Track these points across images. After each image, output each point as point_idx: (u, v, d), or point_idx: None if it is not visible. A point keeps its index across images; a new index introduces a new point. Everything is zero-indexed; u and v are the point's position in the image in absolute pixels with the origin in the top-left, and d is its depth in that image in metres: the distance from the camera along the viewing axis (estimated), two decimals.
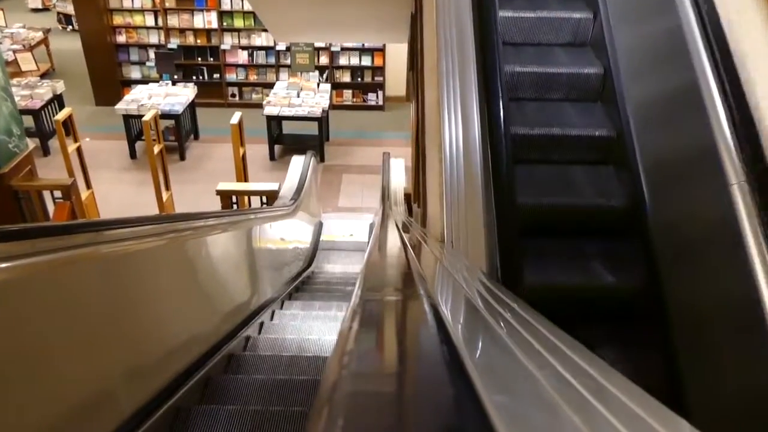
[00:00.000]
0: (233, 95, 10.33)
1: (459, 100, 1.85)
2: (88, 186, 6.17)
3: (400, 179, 6.13)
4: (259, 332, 2.70)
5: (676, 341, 1.55)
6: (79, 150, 5.91)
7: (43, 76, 9.97)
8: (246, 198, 5.70)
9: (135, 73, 10.14)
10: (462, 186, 1.76)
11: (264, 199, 5.66)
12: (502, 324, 0.80)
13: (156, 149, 5.90)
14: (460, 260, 1.68)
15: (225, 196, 5.50)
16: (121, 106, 7.99)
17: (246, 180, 6.13)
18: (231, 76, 10.19)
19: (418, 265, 1.74)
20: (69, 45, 11.75)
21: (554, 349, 0.62)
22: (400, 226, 4.36)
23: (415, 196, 3.23)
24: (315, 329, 2.78)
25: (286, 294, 3.83)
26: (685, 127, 1.58)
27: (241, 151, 5.81)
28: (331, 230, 6.76)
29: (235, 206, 5.64)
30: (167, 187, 6.33)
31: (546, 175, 2.04)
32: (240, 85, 10.27)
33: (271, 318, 3.02)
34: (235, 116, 5.67)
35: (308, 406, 1.91)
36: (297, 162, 6.25)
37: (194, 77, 10.04)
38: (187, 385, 1.83)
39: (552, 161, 2.07)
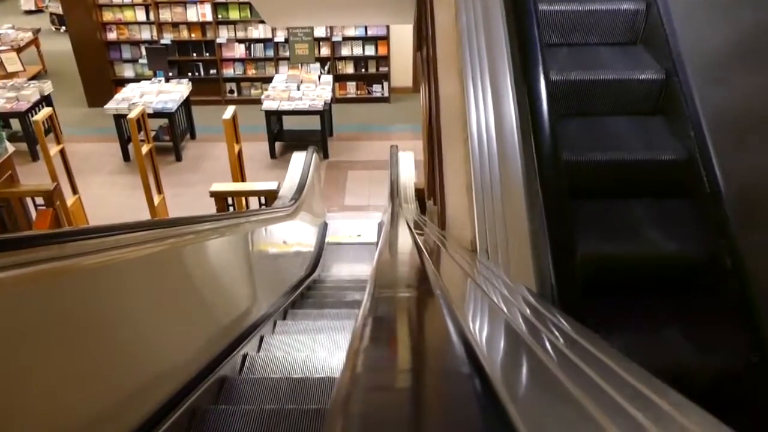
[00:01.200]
0: (231, 91, 9.94)
1: (489, 82, 1.42)
2: (75, 191, 5.80)
3: (410, 174, 5.70)
4: (240, 371, 2.29)
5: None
6: (63, 153, 5.53)
7: (34, 78, 9.63)
8: (243, 199, 5.30)
9: (128, 72, 9.78)
10: (497, 183, 1.33)
11: (262, 200, 5.26)
12: (563, 367, 0.56)
13: (144, 149, 5.51)
14: (498, 276, 1.26)
15: (219, 197, 5.11)
16: (111, 106, 7.62)
17: (243, 180, 5.73)
18: (228, 72, 9.80)
19: (439, 277, 1.33)
20: (62, 46, 11.41)
21: (640, 400, 0.43)
22: (411, 225, 3.93)
23: (430, 192, 2.80)
24: (317, 362, 2.36)
25: (283, 309, 3.42)
26: None
27: (237, 148, 5.41)
28: (338, 231, 6.35)
29: (231, 208, 5.25)
30: (159, 190, 5.94)
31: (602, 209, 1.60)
32: (238, 80, 9.87)
33: (258, 348, 2.61)
34: (228, 111, 5.27)
35: None
36: (298, 159, 5.84)
37: (189, 74, 9.66)
38: None
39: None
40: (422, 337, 0.91)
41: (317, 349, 2.63)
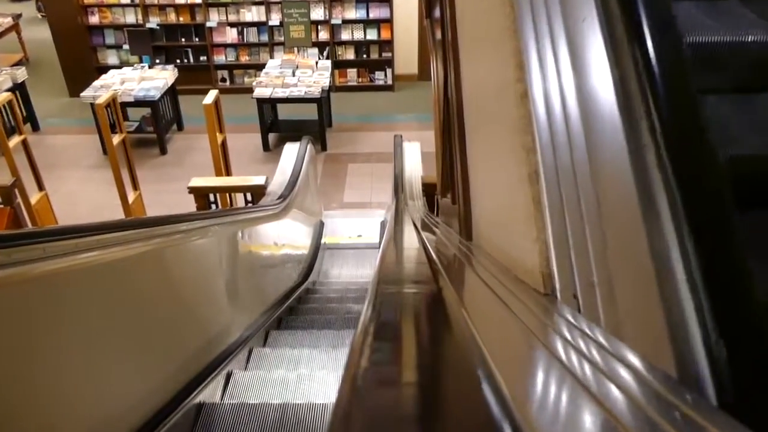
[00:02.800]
0: (223, 79, 9.35)
1: (565, 39, 0.81)
2: (41, 187, 5.23)
3: (416, 167, 5.10)
4: (194, 425, 1.71)
5: None
6: (25, 144, 4.96)
7: (16, 66, 9.05)
8: (227, 196, 4.72)
9: (112, 58, 9.20)
10: (587, 184, 0.73)
11: (248, 196, 4.68)
12: None
13: (116, 140, 4.92)
14: (601, 347, 0.67)
15: (200, 194, 4.53)
16: (88, 94, 7.04)
17: (228, 173, 5.14)
18: (219, 58, 9.21)
19: (472, 324, 0.76)
20: (47, 34, 10.87)
21: None
22: (418, 225, 3.32)
23: (445, 188, 2.21)
24: (301, 415, 1.77)
25: (265, 330, 2.83)
26: None
27: (220, 138, 4.82)
28: (336, 231, 5.77)
29: (213, 206, 4.67)
30: (135, 186, 5.36)
31: None
32: (230, 67, 9.28)
33: (222, 393, 2.03)
34: (210, 95, 4.68)
35: None
36: (290, 151, 5.25)
37: (177, 60, 9.07)
38: None
39: None
40: None
41: (302, 391, 2.05)
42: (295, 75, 7.42)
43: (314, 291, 4.32)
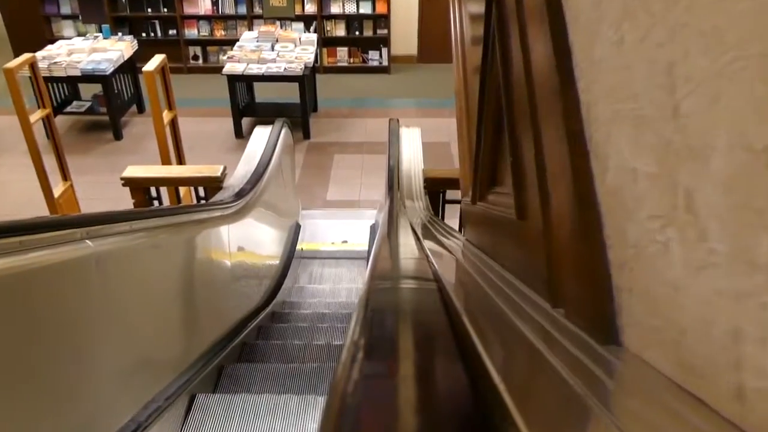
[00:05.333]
0: (195, 57, 8.35)
1: None
2: None
3: (416, 158, 4.14)
4: None
5: None
6: None
7: None
8: (174, 191, 3.75)
9: (68, 30, 8.17)
10: None
11: (201, 191, 3.72)
12: None
13: (35, 117, 3.93)
14: None
15: (137, 187, 3.57)
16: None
17: (181, 162, 4.16)
18: (191, 32, 8.20)
19: None
20: None
21: None
22: (419, 233, 2.41)
23: (482, 187, 1.25)
24: None
25: (195, 387, 1.88)
26: None
27: (168, 116, 3.83)
28: (316, 235, 4.81)
29: (156, 202, 3.70)
30: (65, 176, 4.37)
31: None
32: (203, 43, 8.28)
33: None
34: (154, 60, 3.70)
35: None
36: (260, 136, 4.29)
37: (143, 34, 8.07)
38: None
39: None
40: None
41: None
42: (274, 49, 6.43)
43: (282, 318, 3.36)
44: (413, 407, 0.47)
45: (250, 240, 3.26)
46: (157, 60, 3.73)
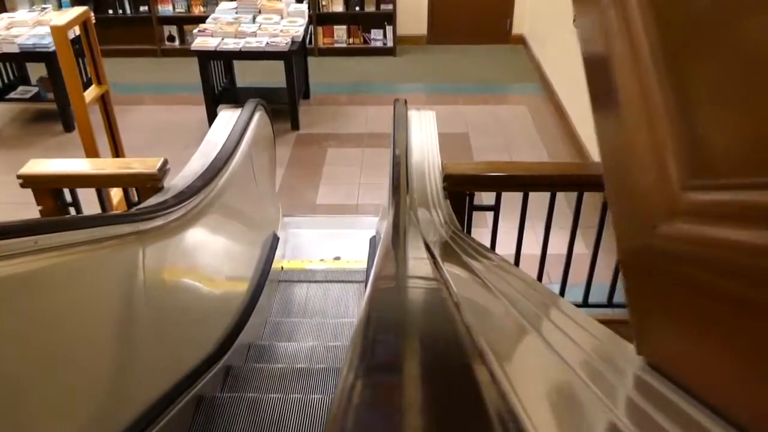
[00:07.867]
0: (171, 38, 7.38)
1: None
2: None
3: (431, 148, 3.12)
4: None
5: None
6: None
7: None
8: (97, 194, 2.77)
9: (23, 4, 7.19)
10: None
11: (133, 193, 2.75)
12: None
13: None
14: None
15: (41, 188, 2.60)
16: None
17: (119, 153, 3.16)
18: (165, 9, 7.23)
19: None
20: None
21: None
22: (438, 257, 1.45)
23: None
24: None
25: None
26: None
27: (94, 93, 2.83)
28: (300, 251, 3.81)
29: (72, 210, 2.71)
30: None
31: None
32: (179, 21, 7.31)
33: None
34: (71, 12, 2.70)
35: None
36: (224, 120, 3.27)
37: (110, 11, 7.11)
38: None
39: None
40: None
41: None
42: (256, 21, 5.43)
43: (241, 376, 2.35)
44: None
45: (190, 265, 2.26)
46: (74, 12, 2.74)
